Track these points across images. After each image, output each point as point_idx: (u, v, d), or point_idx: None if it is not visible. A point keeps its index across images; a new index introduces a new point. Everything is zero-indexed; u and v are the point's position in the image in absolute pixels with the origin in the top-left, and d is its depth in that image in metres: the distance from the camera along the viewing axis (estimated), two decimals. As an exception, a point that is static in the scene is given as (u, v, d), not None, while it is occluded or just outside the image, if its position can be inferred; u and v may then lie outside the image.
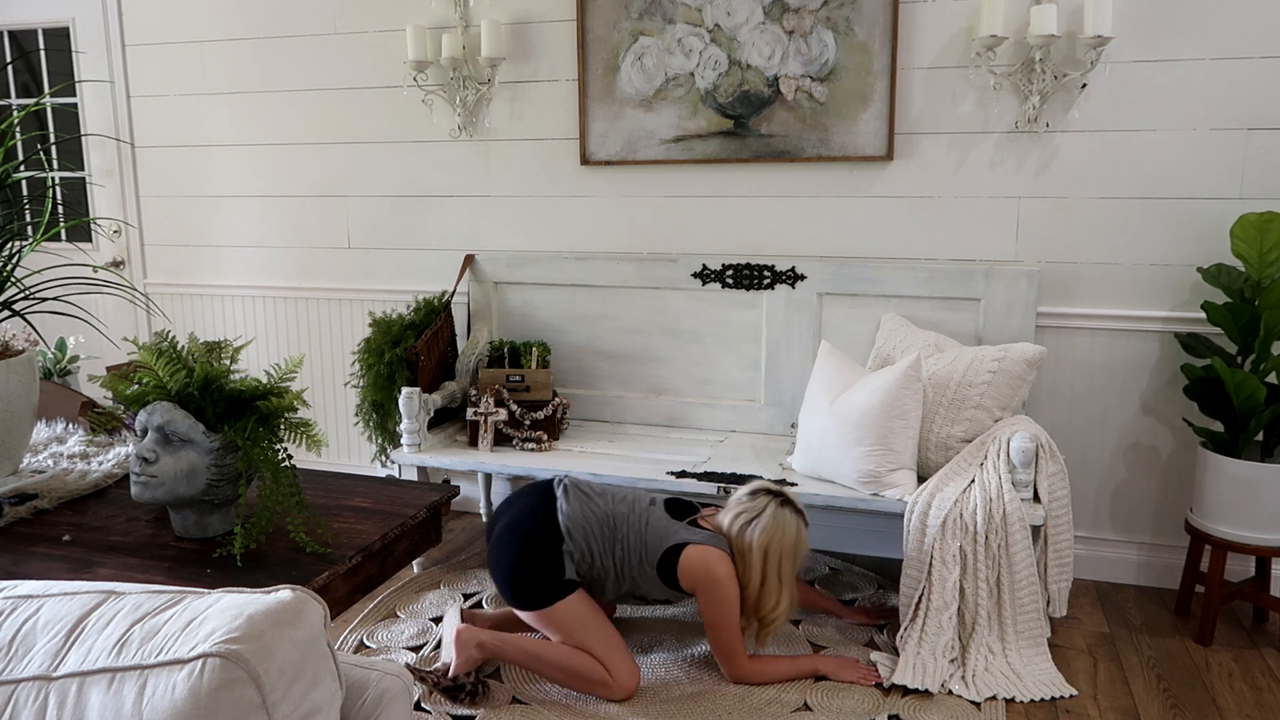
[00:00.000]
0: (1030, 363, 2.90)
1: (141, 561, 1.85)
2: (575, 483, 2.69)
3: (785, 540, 2.55)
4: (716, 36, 3.39)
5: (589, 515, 2.60)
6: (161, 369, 1.91)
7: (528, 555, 2.56)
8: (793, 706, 2.54)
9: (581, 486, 2.68)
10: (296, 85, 3.97)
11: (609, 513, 2.61)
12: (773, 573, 2.54)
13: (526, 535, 2.59)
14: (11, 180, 2.60)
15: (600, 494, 2.67)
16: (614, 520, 2.60)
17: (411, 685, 1.42)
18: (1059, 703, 2.57)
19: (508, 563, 2.59)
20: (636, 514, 2.61)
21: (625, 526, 2.59)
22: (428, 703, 2.54)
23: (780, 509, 2.57)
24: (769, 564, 2.53)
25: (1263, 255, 2.83)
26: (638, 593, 2.64)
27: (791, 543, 2.56)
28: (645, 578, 2.58)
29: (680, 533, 2.57)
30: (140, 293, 3.33)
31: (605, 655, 2.53)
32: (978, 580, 2.68)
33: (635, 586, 2.61)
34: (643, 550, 2.57)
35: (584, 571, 2.59)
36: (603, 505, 2.63)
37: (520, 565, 2.57)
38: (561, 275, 3.64)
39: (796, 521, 2.58)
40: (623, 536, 2.58)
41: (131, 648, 1.06)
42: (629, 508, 2.63)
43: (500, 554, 2.62)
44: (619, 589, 2.63)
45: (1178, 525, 3.23)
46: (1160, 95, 3.06)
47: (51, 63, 4.38)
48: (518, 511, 2.66)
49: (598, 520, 2.59)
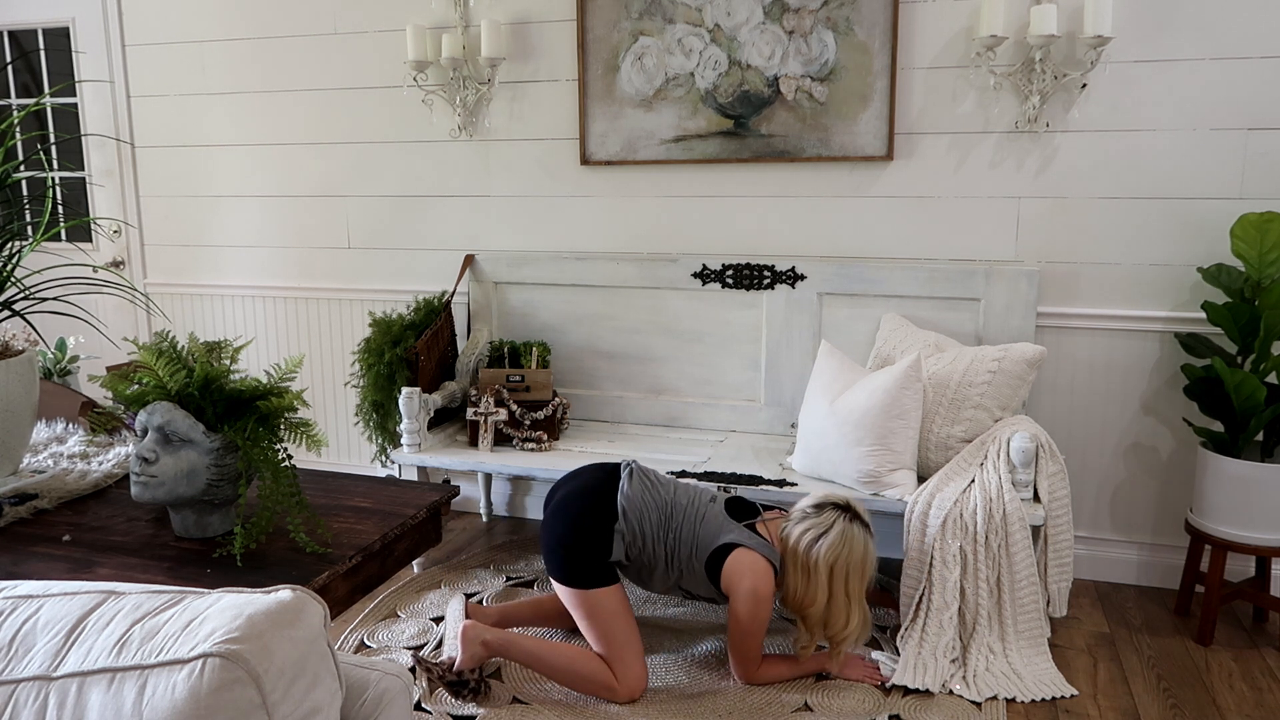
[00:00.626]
0: (1030, 363, 2.90)
1: (141, 561, 1.85)
2: (642, 469, 2.67)
3: (853, 558, 2.49)
4: (716, 36, 3.39)
5: (648, 500, 2.59)
6: (161, 369, 1.91)
7: (580, 528, 2.56)
8: (793, 707, 2.54)
9: (648, 473, 2.67)
10: (296, 85, 3.97)
11: (668, 500, 2.60)
12: (839, 589, 2.49)
13: (584, 507, 2.59)
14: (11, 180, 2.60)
15: (664, 483, 2.65)
16: (671, 508, 2.58)
17: (411, 685, 1.42)
18: (1059, 703, 2.57)
19: (559, 532, 2.59)
20: (695, 507, 2.59)
21: (681, 517, 2.57)
22: (428, 702, 2.54)
23: (849, 525, 2.51)
24: (835, 580, 2.49)
25: (1263, 255, 2.83)
26: (685, 585, 2.62)
27: (860, 560, 2.50)
28: (693, 572, 2.56)
29: (734, 534, 2.54)
30: (140, 293, 3.33)
31: (619, 658, 2.53)
32: (978, 580, 2.68)
33: (683, 579, 2.59)
34: (694, 544, 2.54)
35: (634, 555, 2.58)
36: (664, 493, 2.61)
37: (571, 536, 2.56)
38: (561, 275, 3.64)
39: (864, 537, 2.52)
40: (677, 526, 2.56)
41: (131, 648, 1.06)
42: (689, 500, 2.62)
43: (554, 523, 2.62)
44: (667, 580, 2.61)
45: (1178, 525, 3.23)
46: (1160, 95, 3.06)
47: (51, 63, 4.38)
48: (579, 485, 2.66)
49: (655, 506, 2.58)
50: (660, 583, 2.64)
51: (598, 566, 2.55)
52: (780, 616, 2.88)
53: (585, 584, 2.54)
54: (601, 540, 2.55)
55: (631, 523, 2.56)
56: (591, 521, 2.56)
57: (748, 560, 2.49)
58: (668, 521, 2.57)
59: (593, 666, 2.54)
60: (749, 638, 2.54)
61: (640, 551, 2.58)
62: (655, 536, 2.56)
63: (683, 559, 2.56)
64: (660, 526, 2.57)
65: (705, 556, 2.53)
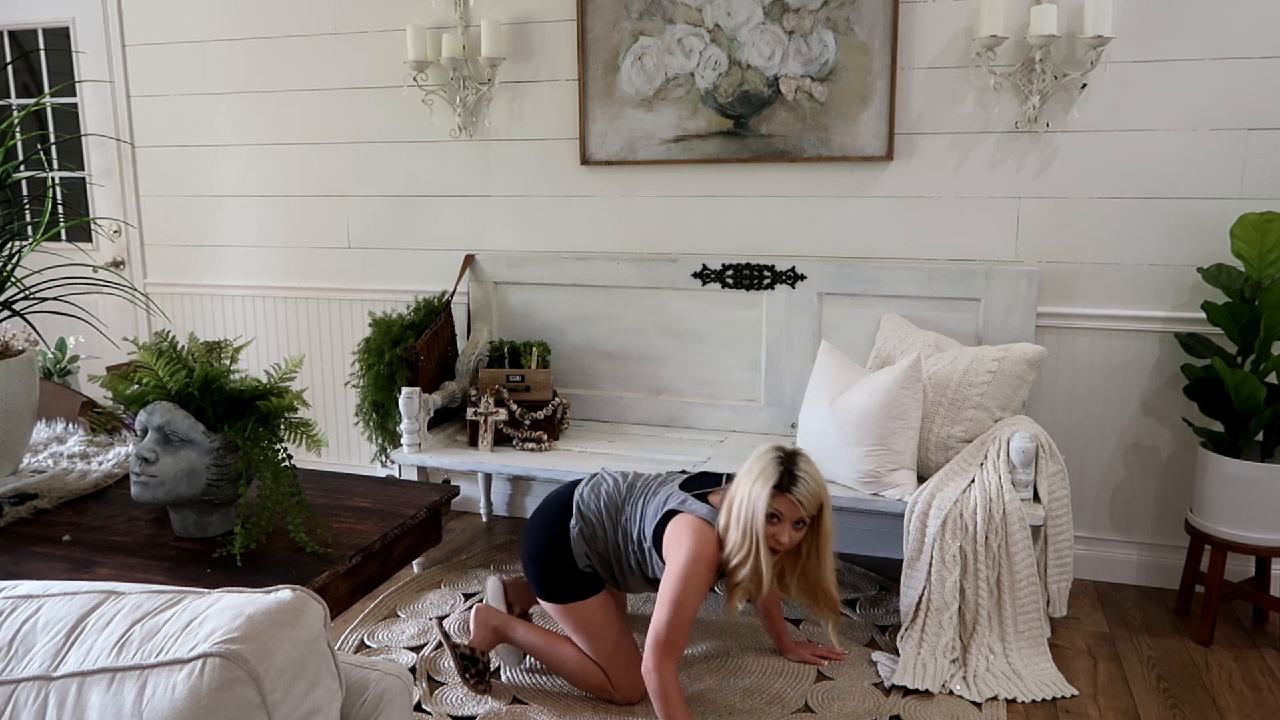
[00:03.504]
0: (1030, 363, 2.90)
1: (141, 561, 1.85)
2: (610, 472, 2.61)
3: (750, 471, 2.29)
4: (716, 36, 3.39)
5: (602, 495, 2.54)
6: (161, 369, 1.91)
7: (542, 539, 2.55)
8: (794, 707, 2.54)
9: (613, 475, 2.60)
10: (296, 85, 3.97)
11: (623, 491, 2.53)
12: (736, 520, 2.26)
13: (545, 518, 2.58)
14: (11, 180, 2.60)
15: (627, 479, 2.58)
16: (625, 498, 2.51)
17: (412, 686, 1.42)
18: (1059, 703, 2.57)
19: (527, 548, 2.59)
20: (646, 489, 2.50)
21: (632, 503, 2.50)
22: (428, 703, 2.54)
23: (765, 452, 2.31)
24: (734, 508, 2.28)
25: (1263, 255, 2.83)
26: (650, 575, 2.49)
27: (754, 474, 2.27)
28: (650, 556, 2.43)
29: (676, 502, 2.39)
30: (140, 293, 3.33)
31: (611, 666, 2.52)
32: (978, 580, 2.68)
33: (646, 568, 2.48)
34: (641, 524, 2.45)
35: (600, 557, 2.50)
36: (621, 486, 2.55)
37: (536, 549, 2.56)
38: (561, 275, 3.64)
39: (770, 455, 2.29)
40: (628, 513, 2.49)
41: (131, 648, 1.06)
42: (642, 484, 2.53)
43: (524, 542, 2.63)
44: (637, 574, 2.51)
45: (1178, 525, 3.23)
46: (1160, 95, 3.06)
47: (51, 63, 4.38)
48: (545, 500, 2.66)
49: (608, 494, 2.53)
50: (633, 579, 2.54)
51: (572, 578, 2.52)
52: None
53: (564, 598, 2.52)
54: (565, 548, 2.51)
55: (588, 521, 2.50)
56: (554, 531, 2.53)
57: (684, 523, 2.32)
58: (620, 510, 2.50)
59: (589, 670, 2.54)
60: (676, 609, 2.25)
61: (605, 550, 2.51)
62: (610, 528, 2.49)
63: (635, 543, 2.46)
64: (612, 518, 2.50)
65: (651, 533, 2.40)
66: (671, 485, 2.47)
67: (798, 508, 2.25)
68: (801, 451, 2.34)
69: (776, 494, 2.23)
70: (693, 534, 2.30)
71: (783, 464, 2.26)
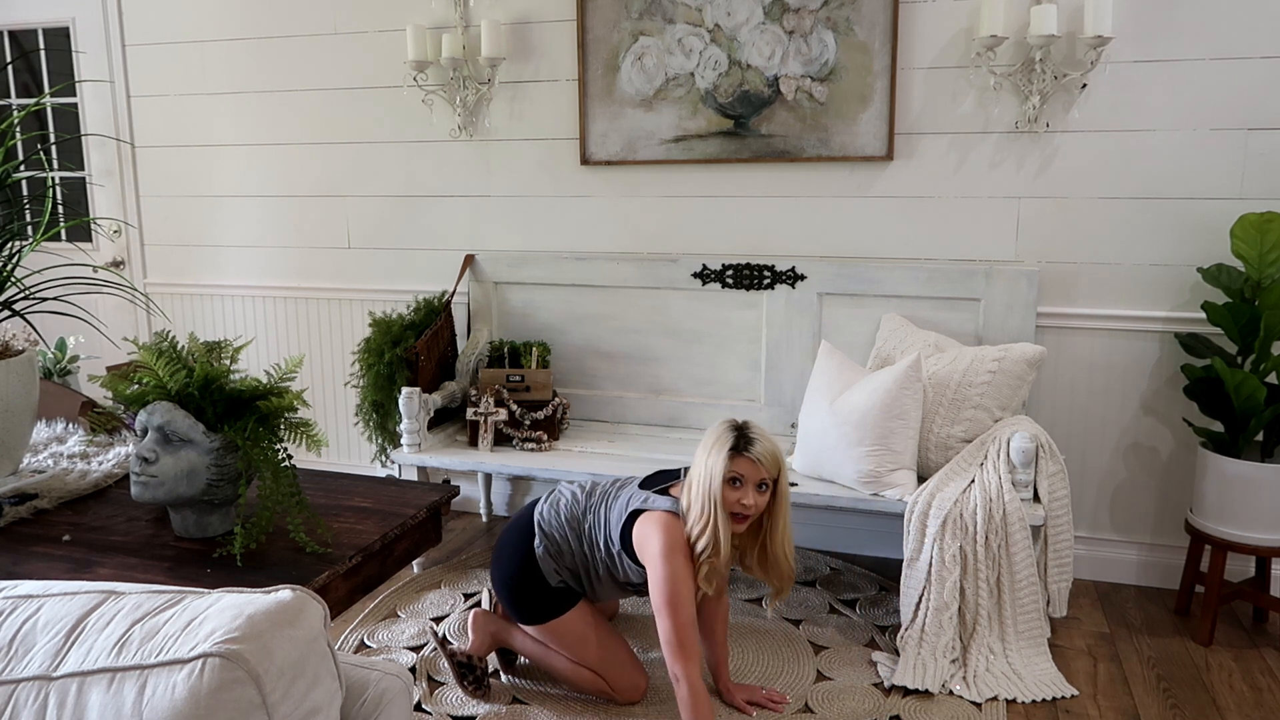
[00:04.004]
0: (1030, 363, 2.90)
1: (141, 561, 1.85)
2: (565, 486, 2.60)
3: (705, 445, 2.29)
4: (716, 36, 3.39)
5: (560, 508, 2.52)
6: (161, 369, 1.91)
7: (510, 563, 2.53)
8: (794, 708, 2.54)
9: (569, 487, 2.58)
10: (296, 85, 3.97)
11: (580, 498, 2.51)
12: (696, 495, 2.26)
13: (509, 540, 2.57)
14: (11, 180, 2.60)
15: (584, 488, 2.56)
16: (585, 503, 2.49)
17: (412, 686, 1.42)
18: (1059, 703, 2.57)
19: (495, 575, 2.58)
20: (605, 494, 2.48)
21: (592, 509, 2.47)
22: (428, 703, 2.54)
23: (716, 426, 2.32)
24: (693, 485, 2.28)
25: (1263, 255, 2.83)
26: (624, 581, 2.47)
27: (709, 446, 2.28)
28: (620, 561, 2.41)
29: (639, 500, 2.36)
30: (140, 293, 3.33)
31: (605, 671, 2.52)
32: (978, 580, 2.68)
33: (617, 574, 2.45)
34: (606, 529, 2.41)
35: (570, 571, 2.50)
36: (580, 495, 2.53)
37: (505, 573, 2.54)
38: (561, 275, 3.64)
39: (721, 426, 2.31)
40: (591, 520, 2.46)
41: (131, 648, 1.06)
42: (604, 491, 2.50)
43: (492, 569, 2.61)
44: (609, 582, 2.49)
45: (1178, 525, 3.23)
46: (1160, 95, 3.06)
47: (51, 63, 4.38)
48: (506, 526, 2.64)
49: (567, 507, 2.51)
50: (604, 588, 2.52)
51: (547, 597, 2.49)
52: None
53: (543, 618, 2.50)
54: (534, 569, 2.49)
55: (551, 538, 2.48)
56: (521, 554, 2.51)
57: (650, 520, 2.31)
58: (581, 521, 2.47)
59: (586, 676, 2.54)
60: (675, 607, 2.24)
61: (574, 564, 2.49)
62: (574, 541, 2.47)
63: (603, 550, 2.43)
64: (575, 530, 2.47)
65: (619, 538, 2.37)
66: (631, 487, 2.46)
67: (758, 467, 2.26)
68: (751, 420, 2.38)
69: (734, 456, 2.25)
70: (660, 528, 2.29)
71: (735, 430, 2.30)
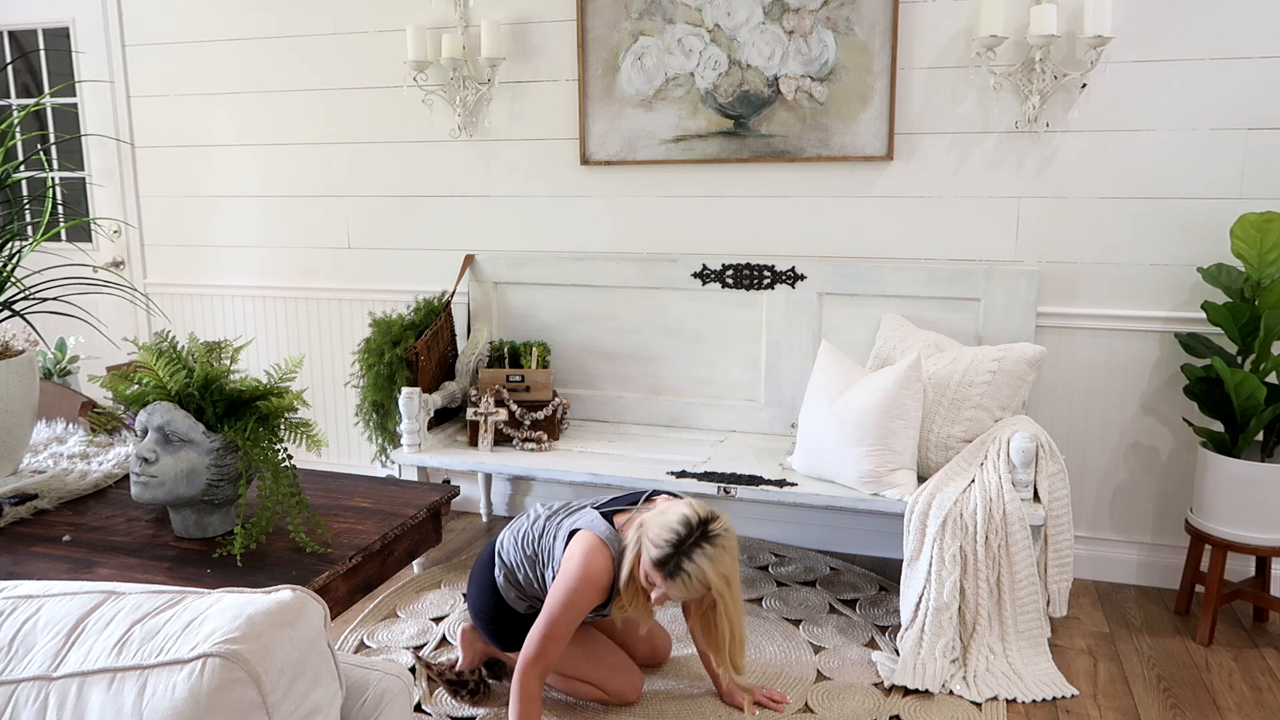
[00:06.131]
0: (1030, 363, 2.90)
1: (141, 561, 1.85)
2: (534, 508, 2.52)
3: (654, 524, 2.14)
4: (716, 36, 3.39)
5: (519, 534, 2.45)
6: (161, 369, 1.91)
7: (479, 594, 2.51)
8: (794, 708, 2.54)
9: (535, 509, 2.50)
10: (296, 85, 3.97)
11: (540, 522, 2.43)
12: (628, 560, 2.19)
13: (475, 573, 2.54)
14: (11, 180, 2.60)
15: (549, 508, 2.47)
16: (542, 527, 2.41)
17: (412, 686, 1.42)
18: (1059, 703, 2.57)
19: (470, 608, 2.55)
20: (560, 516, 2.40)
21: (547, 533, 2.39)
22: (428, 703, 2.54)
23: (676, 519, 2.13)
24: (630, 547, 2.18)
25: (1263, 255, 2.83)
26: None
27: (653, 532, 2.13)
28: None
29: (583, 521, 2.29)
30: (140, 293, 3.33)
31: (598, 681, 2.51)
32: (978, 580, 2.68)
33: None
34: (553, 550, 2.34)
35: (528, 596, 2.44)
36: (541, 519, 2.44)
37: (477, 604, 2.51)
38: (561, 275, 3.64)
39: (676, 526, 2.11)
40: (545, 543, 2.38)
41: (131, 648, 1.06)
42: (566, 510, 2.42)
43: (468, 599, 2.58)
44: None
45: (1178, 525, 3.23)
46: (1160, 95, 3.06)
47: (51, 63, 4.38)
48: (479, 553, 2.61)
49: (524, 533, 2.44)
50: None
51: (519, 624, 2.43)
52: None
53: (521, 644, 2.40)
54: (500, 597, 2.46)
55: (509, 565, 2.43)
56: (488, 583, 2.48)
57: (580, 542, 2.23)
58: (536, 544, 2.39)
59: (580, 686, 2.53)
60: (551, 627, 2.20)
61: (532, 591, 2.42)
62: (529, 566, 2.40)
63: (552, 573, 2.33)
64: (529, 556, 2.40)
65: (560, 558, 2.29)
66: (585, 507, 2.38)
67: (682, 590, 2.12)
68: (714, 528, 2.13)
69: (658, 567, 2.12)
70: (584, 554, 2.21)
71: (676, 547, 2.09)
